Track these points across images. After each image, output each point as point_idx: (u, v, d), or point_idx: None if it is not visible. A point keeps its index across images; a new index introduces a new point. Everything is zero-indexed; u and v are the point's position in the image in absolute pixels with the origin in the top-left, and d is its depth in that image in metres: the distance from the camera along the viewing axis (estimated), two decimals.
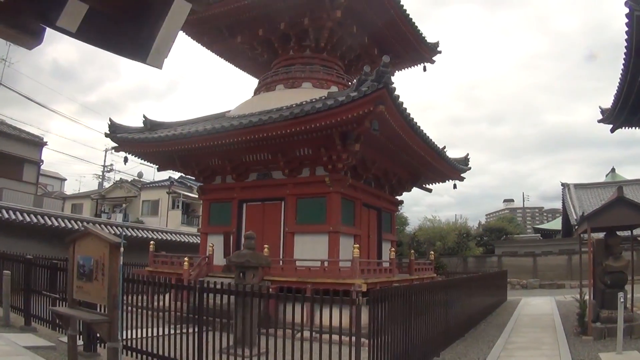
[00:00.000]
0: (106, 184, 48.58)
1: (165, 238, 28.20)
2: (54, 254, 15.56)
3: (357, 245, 13.04)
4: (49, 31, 2.05)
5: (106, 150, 46.03)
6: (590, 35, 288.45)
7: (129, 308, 8.43)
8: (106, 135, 16.75)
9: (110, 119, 16.84)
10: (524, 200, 79.88)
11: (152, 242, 17.47)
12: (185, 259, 14.68)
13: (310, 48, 17.79)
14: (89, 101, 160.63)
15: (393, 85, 11.74)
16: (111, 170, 49.33)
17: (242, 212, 16.36)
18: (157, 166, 18.66)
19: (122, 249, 7.37)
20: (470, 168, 20.28)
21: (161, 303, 9.16)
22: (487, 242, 41.87)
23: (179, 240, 29.13)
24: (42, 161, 30.84)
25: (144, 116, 16.94)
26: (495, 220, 60.93)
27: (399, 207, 25.52)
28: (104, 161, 51.08)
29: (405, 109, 12.50)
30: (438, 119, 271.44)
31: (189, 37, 19.07)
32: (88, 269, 7.88)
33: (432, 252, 21.77)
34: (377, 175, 17.51)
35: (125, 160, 17.17)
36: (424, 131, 14.34)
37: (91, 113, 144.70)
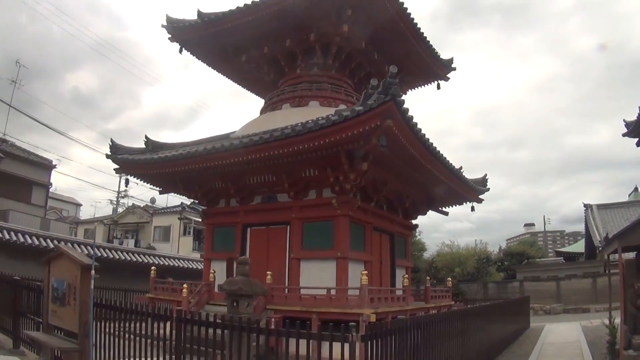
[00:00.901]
0: (120, 210, 48.39)
1: (175, 264, 27.69)
2: None
3: (366, 272, 12.06)
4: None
5: (120, 176, 45.91)
6: (608, 55, 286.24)
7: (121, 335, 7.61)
8: (107, 156, 16.18)
9: (111, 140, 16.30)
10: (545, 224, 78.03)
11: (153, 268, 16.72)
12: (185, 285, 13.86)
13: (317, 66, 17.14)
14: (109, 129, 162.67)
15: (402, 98, 10.94)
16: (125, 196, 49.17)
17: (246, 237, 15.54)
18: (160, 189, 18.02)
19: (93, 272, 6.66)
20: (488, 189, 19.28)
21: (161, 331, 8.32)
22: (508, 267, 40.51)
23: (189, 267, 28.56)
24: (51, 184, 30.71)
25: (146, 137, 16.36)
26: (516, 244, 59.27)
27: (416, 232, 24.47)
28: (118, 187, 50.91)
29: (416, 123, 11.64)
30: (457, 144, 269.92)
31: (194, 57, 18.61)
32: (61, 293, 7.25)
33: (449, 279, 20.65)
34: (389, 197, 16.60)
35: (127, 182, 16.72)
36: (438, 149, 13.47)
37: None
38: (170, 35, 17.43)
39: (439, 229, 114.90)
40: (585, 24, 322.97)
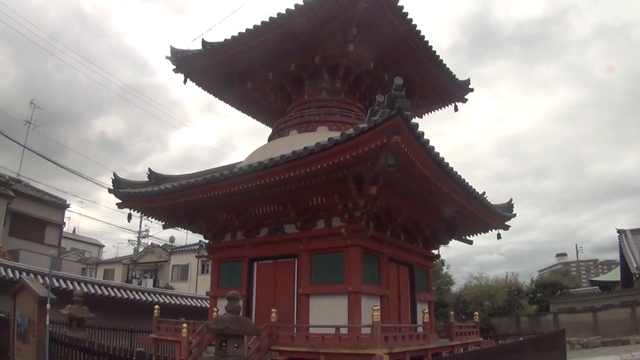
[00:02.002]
0: (141, 250, 48.01)
1: (190, 304, 26.76)
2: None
3: (377, 307, 10.86)
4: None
5: (141, 216, 45.60)
6: (630, 80, 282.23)
7: None
8: (109, 191, 15.52)
9: (114, 174, 15.65)
10: (577, 253, 74.96)
11: (156, 307, 15.79)
12: (184, 325, 12.87)
13: (325, 90, 16.39)
14: (136, 171, 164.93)
15: (409, 112, 10.00)
16: (146, 236, 48.84)
17: (252, 272, 14.51)
18: (163, 223, 17.27)
19: (48, 306, 5.79)
20: (515, 215, 17.91)
21: None
22: (540, 298, 38.46)
23: (204, 306, 27.48)
24: (65, 223, 30.55)
25: (149, 169, 15.69)
26: (549, 274, 56.88)
27: (443, 264, 23.01)
28: (140, 227, 50.68)
29: (428, 140, 10.63)
30: (483, 176, 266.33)
31: (200, 88, 18.12)
32: (24, 329, 6.42)
33: (476, 313, 19.18)
34: (406, 225, 15.46)
35: (129, 217, 15.93)
36: (455, 170, 12.38)
37: None
38: (174, 66, 16.99)
39: (469, 262, 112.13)
40: (604, 51, 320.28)
